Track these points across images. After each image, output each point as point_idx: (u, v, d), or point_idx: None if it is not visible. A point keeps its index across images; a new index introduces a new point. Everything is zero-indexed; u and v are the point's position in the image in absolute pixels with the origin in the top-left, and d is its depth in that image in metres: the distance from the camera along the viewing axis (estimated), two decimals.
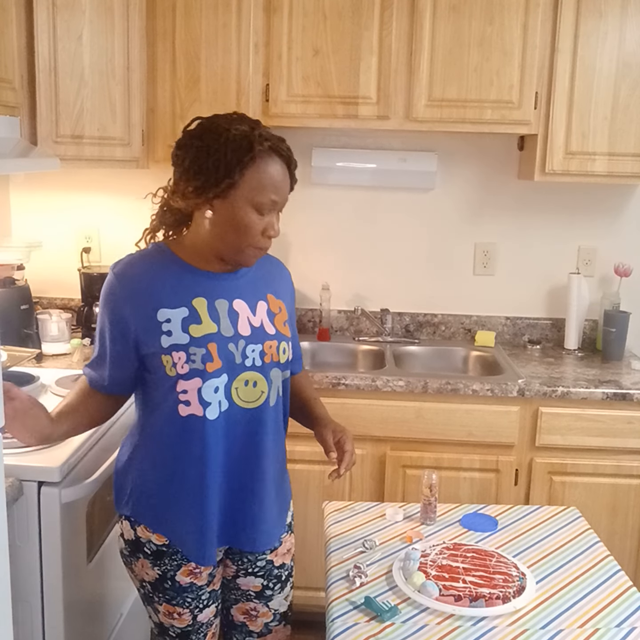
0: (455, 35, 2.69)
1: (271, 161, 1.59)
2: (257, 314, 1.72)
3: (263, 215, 1.61)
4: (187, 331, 1.61)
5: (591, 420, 2.64)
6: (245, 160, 1.55)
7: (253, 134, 1.57)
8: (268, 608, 1.87)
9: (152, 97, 2.76)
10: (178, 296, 1.64)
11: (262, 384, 1.69)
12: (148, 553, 1.72)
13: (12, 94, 2.45)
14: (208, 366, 1.61)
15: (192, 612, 1.76)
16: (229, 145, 1.55)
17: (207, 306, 1.65)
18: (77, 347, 2.77)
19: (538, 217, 3.16)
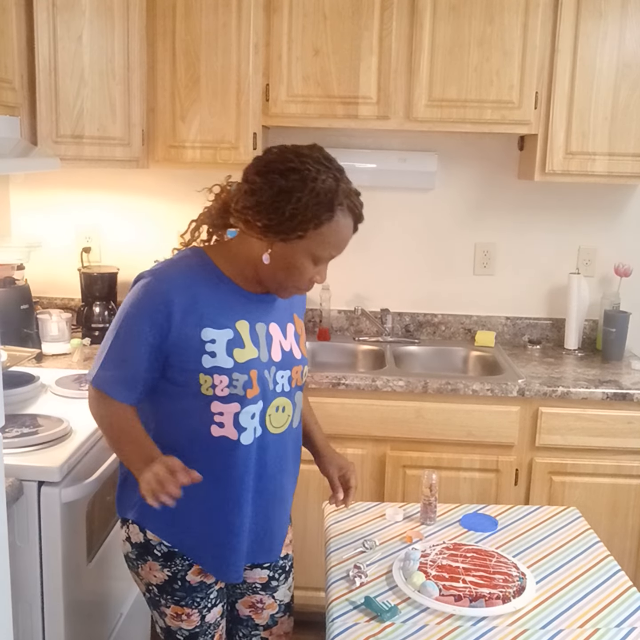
0: (455, 35, 2.69)
1: (344, 221, 1.56)
2: (287, 338, 1.72)
3: (317, 266, 1.61)
4: (231, 355, 1.59)
5: (591, 420, 2.64)
6: (322, 219, 1.53)
7: (337, 191, 1.53)
8: (274, 599, 1.88)
9: (152, 97, 2.76)
10: (223, 317, 1.61)
11: (288, 408, 1.70)
12: (158, 555, 1.69)
13: (12, 94, 2.45)
14: (248, 392, 1.61)
15: (201, 612, 1.74)
16: (312, 199, 1.51)
17: (249, 330, 1.64)
18: (77, 347, 2.77)
19: (538, 217, 3.16)
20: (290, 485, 1.80)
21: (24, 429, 1.98)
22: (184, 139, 2.77)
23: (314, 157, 1.57)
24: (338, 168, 1.58)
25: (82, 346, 2.79)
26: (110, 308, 3.02)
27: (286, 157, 1.57)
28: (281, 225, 1.53)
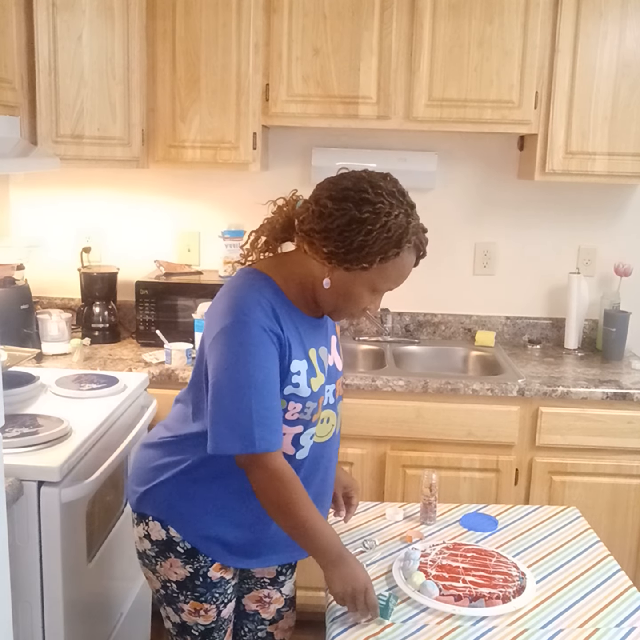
0: (455, 35, 2.69)
1: (409, 258, 1.57)
2: (332, 352, 1.74)
3: (374, 296, 1.61)
4: (310, 385, 1.61)
5: (591, 420, 2.64)
6: (389, 254, 1.52)
7: (408, 228, 1.53)
8: (280, 594, 1.91)
9: (152, 97, 2.76)
10: (301, 347, 1.61)
11: (332, 419, 1.73)
12: (181, 552, 1.68)
13: (12, 94, 2.45)
14: (314, 417, 1.65)
15: (218, 608, 1.76)
16: (383, 234, 1.50)
17: (317, 357, 1.65)
18: (77, 347, 2.77)
19: (538, 217, 3.16)
20: (329, 490, 1.83)
21: (24, 429, 1.98)
22: (184, 139, 2.77)
23: (389, 190, 1.55)
24: (410, 204, 1.58)
25: (82, 346, 2.79)
26: (110, 308, 3.02)
27: (362, 187, 1.53)
28: (347, 255, 1.51)
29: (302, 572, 2.09)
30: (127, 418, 2.32)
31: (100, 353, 2.85)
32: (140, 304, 2.89)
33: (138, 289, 2.89)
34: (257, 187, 3.06)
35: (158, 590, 1.77)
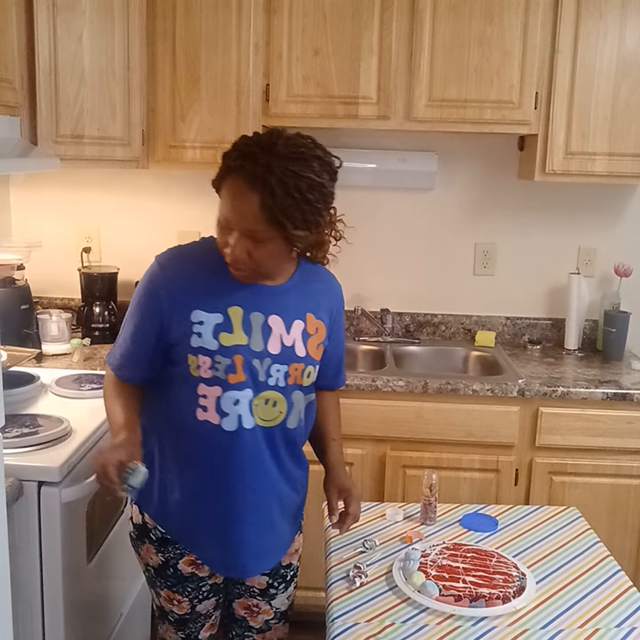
0: (455, 35, 2.68)
1: (233, 181, 1.53)
2: (292, 333, 1.68)
3: (221, 231, 1.58)
4: (217, 338, 1.61)
5: (591, 420, 2.64)
6: (221, 174, 1.55)
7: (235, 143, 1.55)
8: (270, 606, 1.87)
9: (152, 97, 2.76)
10: (216, 301, 1.62)
11: (281, 404, 1.67)
12: (153, 539, 1.75)
13: (12, 94, 2.45)
14: (230, 377, 1.61)
15: (191, 602, 1.78)
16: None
17: (242, 317, 1.63)
18: (77, 347, 2.77)
19: (538, 217, 3.16)
20: (288, 488, 1.76)
21: (24, 429, 1.98)
22: (184, 139, 2.77)
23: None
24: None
25: (82, 346, 2.79)
26: (110, 308, 3.02)
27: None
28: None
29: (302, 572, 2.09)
30: None
31: (100, 353, 2.85)
32: None
33: None
34: None
35: (144, 572, 1.84)
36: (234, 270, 1.62)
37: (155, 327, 1.64)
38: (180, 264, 1.67)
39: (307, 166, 1.53)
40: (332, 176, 1.63)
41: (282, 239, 1.56)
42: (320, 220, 1.58)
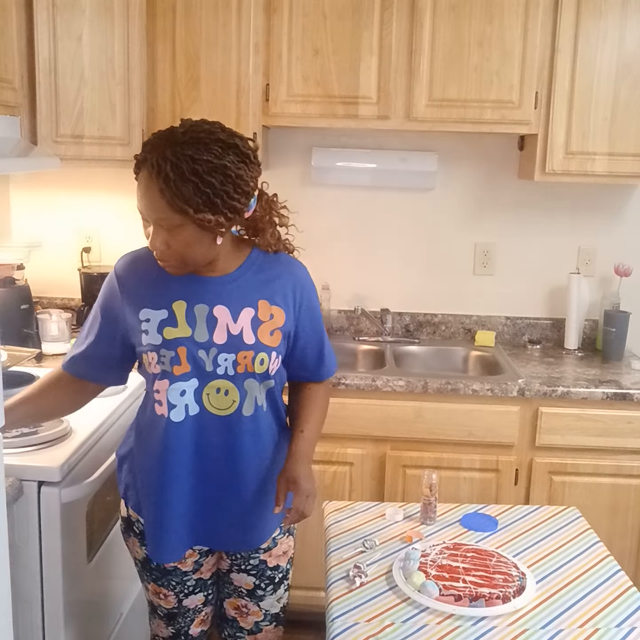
0: (455, 35, 2.68)
1: (140, 173, 1.57)
2: (239, 322, 1.66)
3: (143, 225, 1.65)
4: (161, 333, 1.65)
5: (591, 420, 2.64)
6: (134, 169, 1.59)
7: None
8: (259, 607, 1.87)
9: (152, 97, 2.75)
10: (161, 298, 1.67)
11: (233, 393, 1.67)
12: (137, 532, 1.80)
13: (12, 94, 2.45)
14: (175, 369, 1.64)
15: (177, 596, 1.82)
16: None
17: (186, 310, 1.65)
18: None
19: (538, 217, 3.16)
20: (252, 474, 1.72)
21: (24, 429, 1.98)
22: None
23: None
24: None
25: None
26: None
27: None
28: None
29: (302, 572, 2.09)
30: (127, 418, 2.32)
31: None
32: None
33: None
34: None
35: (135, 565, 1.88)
36: (161, 263, 1.64)
37: (109, 329, 1.73)
38: (132, 267, 1.72)
39: (206, 150, 1.51)
40: (242, 158, 1.58)
41: (193, 224, 1.55)
42: (234, 204, 1.56)
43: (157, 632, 1.92)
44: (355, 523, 1.99)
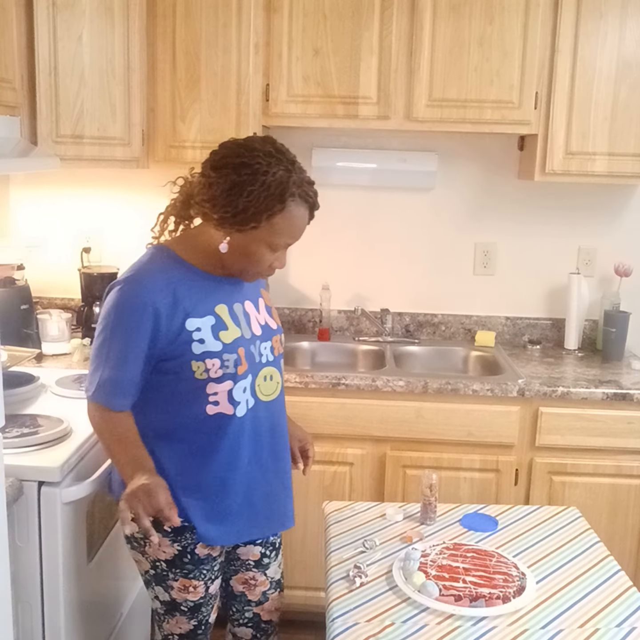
0: (455, 35, 2.68)
1: (297, 210, 1.64)
2: (261, 312, 1.83)
3: (275, 252, 1.69)
4: (218, 338, 1.69)
5: (591, 420, 2.64)
6: (275, 210, 1.61)
7: (289, 182, 1.60)
8: (265, 576, 1.97)
9: (152, 97, 2.76)
10: (202, 304, 1.70)
11: (276, 375, 1.83)
12: (168, 531, 1.76)
13: (12, 94, 2.45)
14: (239, 369, 1.72)
15: (206, 584, 1.84)
16: (263, 192, 1.59)
17: (228, 311, 1.74)
18: (77, 347, 2.77)
19: (538, 217, 3.16)
20: (284, 448, 1.89)
21: (24, 429, 1.98)
22: (184, 139, 2.77)
23: (266, 150, 1.63)
24: (290, 160, 1.65)
25: (82, 346, 2.79)
26: None
27: (238, 152, 1.65)
28: (235, 218, 1.62)
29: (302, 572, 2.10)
30: None
31: None
32: None
33: None
34: None
35: (147, 571, 1.85)
36: (262, 277, 1.79)
37: (144, 348, 1.66)
38: (154, 280, 1.68)
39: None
40: None
41: None
42: None
43: (172, 631, 1.90)
44: (355, 523, 1.99)
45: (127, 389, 1.70)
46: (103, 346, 1.68)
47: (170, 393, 1.73)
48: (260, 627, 2.02)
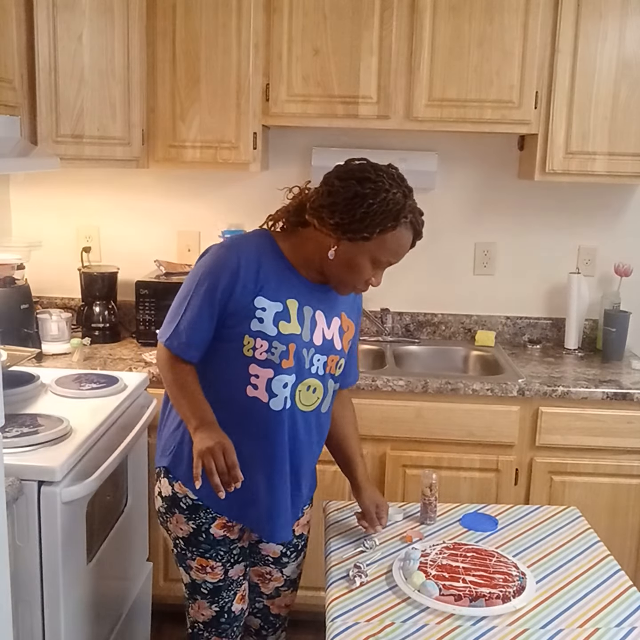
0: (455, 35, 2.68)
1: (406, 233, 1.73)
2: (331, 328, 1.86)
3: (375, 269, 1.77)
4: (276, 325, 1.75)
5: (591, 420, 2.64)
6: (387, 226, 1.69)
7: (405, 205, 1.70)
8: (282, 574, 2.01)
9: (152, 97, 2.76)
10: (278, 291, 1.77)
11: (319, 391, 1.85)
12: (184, 508, 1.84)
13: (12, 94, 2.45)
14: (283, 362, 1.76)
15: (224, 566, 1.87)
16: (382, 207, 1.67)
17: (297, 309, 1.80)
18: (77, 346, 2.77)
19: (538, 217, 3.16)
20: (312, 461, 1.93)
21: (24, 428, 1.98)
22: (184, 139, 2.77)
23: (389, 173, 1.73)
24: (408, 187, 1.75)
25: (82, 346, 2.79)
26: (110, 308, 3.02)
27: (365, 168, 1.73)
28: (350, 225, 1.69)
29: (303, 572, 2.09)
30: (127, 418, 2.32)
31: (100, 353, 2.85)
32: (140, 304, 2.89)
33: (138, 288, 2.89)
34: (257, 187, 3.07)
35: (172, 550, 1.92)
36: (357, 291, 1.84)
37: (218, 308, 1.75)
38: (249, 250, 1.79)
39: None
40: None
41: None
42: None
43: (196, 618, 1.95)
44: (355, 523, 1.99)
45: (199, 342, 1.77)
46: (185, 299, 1.77)
47: (219, 363, 1.78)
48: (268, 620, 2.08)
